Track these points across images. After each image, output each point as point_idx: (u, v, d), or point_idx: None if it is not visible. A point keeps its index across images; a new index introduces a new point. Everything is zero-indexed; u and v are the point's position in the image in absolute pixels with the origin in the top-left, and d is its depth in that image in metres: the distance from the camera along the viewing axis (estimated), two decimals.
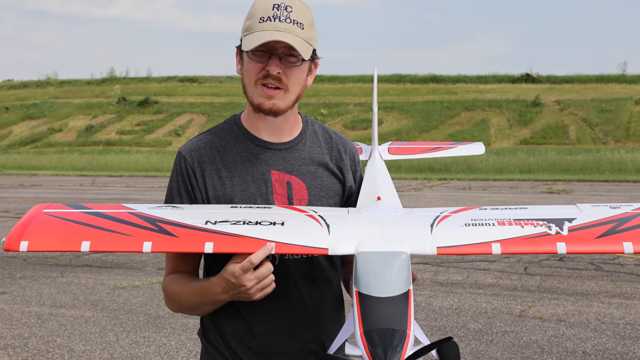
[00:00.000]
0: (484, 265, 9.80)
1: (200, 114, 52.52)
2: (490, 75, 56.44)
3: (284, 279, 2.12)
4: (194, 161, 2.15)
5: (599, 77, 53.33)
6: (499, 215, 2.01)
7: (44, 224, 1.91)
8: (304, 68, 2.11)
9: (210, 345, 2.23)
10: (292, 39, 2.02)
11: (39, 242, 1.85)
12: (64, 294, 8.36)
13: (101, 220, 1.93)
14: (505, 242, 1.88)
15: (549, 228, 1.92)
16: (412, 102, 50.95)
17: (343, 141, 2.32)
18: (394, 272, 1.80)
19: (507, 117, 47.04)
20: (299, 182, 2.17)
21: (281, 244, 1.88)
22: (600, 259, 10.20)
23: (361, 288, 1.79)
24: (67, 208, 2.00)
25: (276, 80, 2.06)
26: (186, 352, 6.22)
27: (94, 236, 1.87)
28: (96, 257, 10.75)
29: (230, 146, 2.18)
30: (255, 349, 2.16)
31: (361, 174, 2.38)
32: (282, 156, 2.18)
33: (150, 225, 1.91)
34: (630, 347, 6.25)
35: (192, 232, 1.89)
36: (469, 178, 27.61)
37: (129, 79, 63.65)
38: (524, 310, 7.41)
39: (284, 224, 1.95)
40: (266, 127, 2.18)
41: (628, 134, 42.82)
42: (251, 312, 2.15)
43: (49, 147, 49.86)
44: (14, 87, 65.02)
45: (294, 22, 2.04)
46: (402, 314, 1.76)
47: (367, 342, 1.73)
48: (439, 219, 2.00)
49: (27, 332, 6.84)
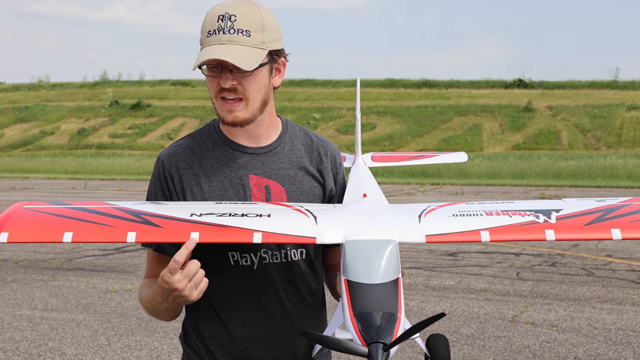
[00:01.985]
0: (476, 270, 9.81)
1: (193, 118, 52.48)
2: (483, 81, 56.65)
3: (263, 283, 2.12)
4: (172, 166, 2.15)
5: (592, 83, 53.59)
6: (487, 208, 2.00)
7: (25, 217, 1.88)
8: (261, 74, 2.07)
9: (190, 349, 2.22)
10: (234, 53, 1.99)
11: (19, 233, 1.81)
12: (56, 298, 8.33)
13: (83, 213, 1.90)
14: (494, 229, 1.87)
15: (536, 217, 1.91)
16: (405, 106, 51.04)
17: (324, 144, 2.31)
18: (383, 260, 1.78)
19: (499, 123, 47.18)
20: (277, 186, 2.16)
21: (268, 234, 1.84)
22: (592, 264, 10.23)
23: (350, 276, 1.77)
24: (48, 204, 1.98)
25: (232, 91, 2.05)
26: (178, 356, 6.20)
27: (76, 227, 1.83)
28: (88, 260, 10.73)
29: (208, 151, 2.17)
30: (234, 353, 2.15)
31: (344, 176, 2.37)
32: (260, 160, 2.17)
33: (134, 217, 1.88)
34: (622, 352, 6.26)
35: (177, 223, 1.86)
36: (461, 183, 27.67)
37: (121, 82, 63.59)
38: (516, 316, 7.42)
39: (270, 215, 1.93)
40: (241, 132, 2.17)
41: (620, 139, 42.99)
42: (230, 317, 2.14)
43: (41, 150, 49.75)
44: (6, 89, 64.85)
45: (239, 32, 2.01)
46: (392, 300, 1.74)
47: (358, 324, 1.71)
48: (427, 211, 1.99)
49: (18, 336, 6.82)
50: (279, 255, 2.14)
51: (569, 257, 10.80)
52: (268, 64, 2.09)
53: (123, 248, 11.83)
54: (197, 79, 61.80)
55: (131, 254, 11.30)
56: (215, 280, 2.08)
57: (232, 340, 2.15)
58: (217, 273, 2.10)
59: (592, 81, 53.80)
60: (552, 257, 10.88)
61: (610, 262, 10.39)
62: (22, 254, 11.34)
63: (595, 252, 11.19)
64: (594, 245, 11.89)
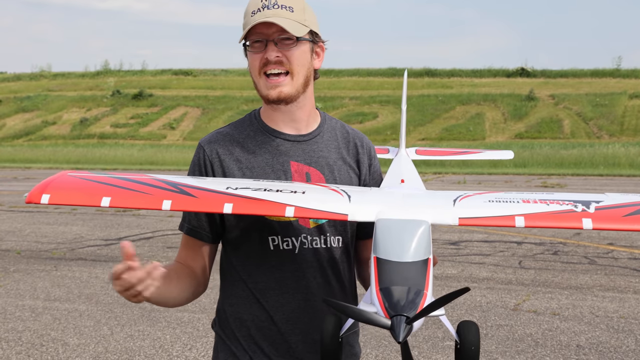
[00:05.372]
0: (478, 259, 9.81)
1: (195, 107, 52.42)
2: (485, 69, 56.45)
3: (303, 268, 2.17)
4: (212, 152, 2.20)
5: (594, 71, 53.40)
6: (525, 196, 1.97)
7: (67, 182, 1.95)
8: (304, 48, 2.14)
9: (226, 335, 2.25)
10: (280, 20, 2.07)
11: (60, 196, 1.87)
12: (58, 288, 8.34)
13: (123, 182, 1.95)
14: (530, 215, 1.83)
15: (575, 206, 1.87)
16: (407, 95, 50.92)
17: (360, 136, 2.36)
18: (413, 239, 1.78)
19: (501, 111, 47.08)
20: (317, 174, 2.20)
21: (301, 208, 1.85)
22: (594, 253, 10.23)
23: (380, 254, 1.77)
24: (91, 173, 2.04)
25: (277, 64, 2.11)
26: (181, 345, 6.22)
27: (114, 193, 1.88)
28: (90, 250, 10.74)
29: (249, 138, 2.22)
30: (274, 337, 2.19)
31: (379, 168, 2.40)
32: (301, 148, 2.22)
33: (172, 187, 1.92)
34: (624, 340, 6.27)
35: (212, 194, 1.90)
36: (463, 172, 27.64)
37: (123, 71, 63.49)
38: (518, 304, 7.42)
39: (305, 192, 1.95)
40: (283, 117, 2.21)
41: (622, 128, 42.90)
42: (270, 301, 2.17)
43: (43, 140, 49.73)
44: (7, 79, 64.78)
45: (283, 7, 2.10)
46: (420, 278, 1.73)
47: (383, 298, 1.70)
48: (463, 197, 1.98)
49: (21, 326, 6.83)
50: (319, 241, 2.18)
51: (571, 246, 10.79)
52: (310, 41, 2.16)
53: (125, 238, 11.84)
54: (199, 69, 61.72)
55: (133, 243, 11.28)
56: (255, 265, 2.16)
57: (272, 323, 2.18)
58: (256, 258, 2.16)
59: (594, 70, 53.59)
60: (554, 245, 10.87)
61: (613, 251, 10.39)
62: (24, 244, 11.36)
63: (597, 241, 11.18)
64: (596, 233, 11.89)
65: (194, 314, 7.11)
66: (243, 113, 54.44)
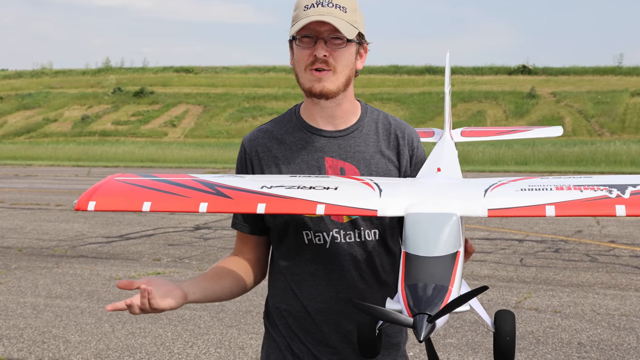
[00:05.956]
0: (480, 256, 9.81)
1: (196, 105, 52.44)
2: (486, 67, 56.46)
3: (335, 261, 2.23)
4: (252, 150, 2.30)
5: (595, 69, 53.37)
6: (559, 182, 1.93)
7: (112, 188, 2.04)
8: (351, 50, 2.19)
9: (270, 324, 2.37)
10: (334, 20, 2.12)
11: (105, 202, 1.97)
12: (60, 285, 8.35)
13: (165, 185, 2.03)
14: (560, 204, 1.80)
15: (609, 192, 1.82)
16: (409, 93, 50.94)
17: (402, 126, 2.37)
18: (442, 233, 1.77)
19: (503, 109, 47.08)
20: (352, 168, 2.24)
21: (331, 206, 1.90)
22: (595, 250, 10.23)
23: (408, 249, 1.78)
24: (136, 176, 2.13)
25: (323, 63, 2.15)
26: (182, 343, 6.22)
27: (155, 197, 1.97)
28: (92, 248, 10.74)
29: (287, 135, 2.29)
30: (308, 327, 2.27)
31: (424, 157, 2.40)
32: (337, 143, 2.26)
33: (209, 189, 1.99)
34: (625, 338, 6.27)
35: (246, 194, 1.97)
36: (465, 170, 27.21)
37: (124, 69, 63.50)
38: (519, 302, 7.42)
39: (337, 188, 1.98)
40: (321, 114, 2.27)
41: (623, 125, 42.89)
42: (304, 292, 2.26)
43: (44, 137, 49.75)
44: (9, 76, 64.80)
45: (337, 7, 2.14)
46: (446, 273, 1.73)
47: (407, 295, 1.71)
48: (496, 185, 1.96)
49: (22, 323, 6.83)
50: (353, 235, 2.23)
51: (573, 244, 10.79)
52: (356, 43, 2.21)
53: (127, 235, 11.85)
54: (201, 66, 61.71)
55: (135, 241, 11.32)
56: (292, 258, 2.26)
57: (307, 314, 2.27)
58: (293, 251, 2.25)
59: (595, 67, 53.57)
60: (555, 243, 10.87)
61: (614, 248, 10.38)
62: (25, 241, 11.36)
63: (598, 238, 11.18)
64: (598, 231, 11.89)
65: (195, 311, 7.11)
66: (244, 110, 54.15)
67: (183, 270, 9.02)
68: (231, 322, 6.77)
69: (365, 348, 1.85)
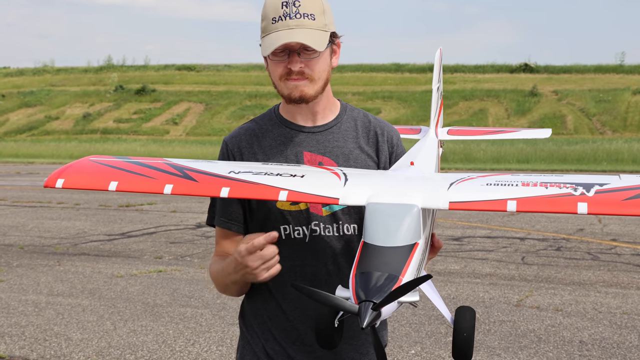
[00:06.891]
0: (481, 255, 9.81)
1: (198, 103, 52.41)
2: (488, 65, 56.36)
3: (314, 255, 2.23)
4: (234, 147, 2.32)
5: (597, 67, 53.27)
6: (527, 179, 1.93)
7: (83, 167, 2.07)
8: (325, 55, 2.19)
9: (244, 325, 2.36)
10: (304, 36, 2.11)
11: (73, 180, 2.00)
12: (61, 283, 8.35)
13: (135, 166, 2.05)
14: (523, 200, 1.80)
15: (574, 190, 1.82)
16: (411, 91, 50.88)
17: (381, 124, 2.39)
18: (400, 224, 1.78)
19: (505, 107, 47.02)
20: (330, 162, 2.26)
21: (293, 192, 1.91)
22: (597, 249, 10.22)
23: (366, 238, 1.79)
24: (111, 157, 2.15)
25: (299, 74, 2.17)
26: (184, 340, 6.22)
27: (122, 178, 2.00)
28: (93, 245, 10.75)
29: (267, 132, 2.32)
30: (283, 325, 2.27)
31: (403, 154, 2.40)
32: (315, 138, 2.29)
33: (177, 172, 2.02)
34: (627, 336, 6.26)
35: (212, 178, 1.99)
36: (466, 167, 27.62)
37: (126, 67, 63.46)
38: (521, 300, 7.42)
39: (303, 176, 1.99)
40: (300, 111, 2.29)
41: (625, 124, 42.82)
42: (280, 290, 2.25)
43: (46, 135, 49.75)
44: (11, 74, 64.78)
45: (304, 16, 2.13)
46: (399, 263, 1.73)
47: (356, 283, 1.72)
48: (462, 180, 1.96)
49: (24, 321, 6.84)
50: (332, 229, 2.23)
51: (574, 242, 10.79)
52: (329, 45, 2.21)
53: (128, 233, 11.86)
54: (202, 64, 61.68)
55: (136, 238, 11.32)
56: None
57: (282, 312, 2.27)
58: None
59: (597, 65, 53.46)
60: (557, 241, 10.87)
61: (616, 247, 10.38)
62: (27, 239, 11.37)
63: (600, 237, 11.17)
64: (599, 229, 11.88)
65: (196, 309, 7.12)
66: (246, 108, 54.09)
67: (185, 268, 9.03)
68: (233, 320, 6.77)
69: (322, 338, 1.85)
